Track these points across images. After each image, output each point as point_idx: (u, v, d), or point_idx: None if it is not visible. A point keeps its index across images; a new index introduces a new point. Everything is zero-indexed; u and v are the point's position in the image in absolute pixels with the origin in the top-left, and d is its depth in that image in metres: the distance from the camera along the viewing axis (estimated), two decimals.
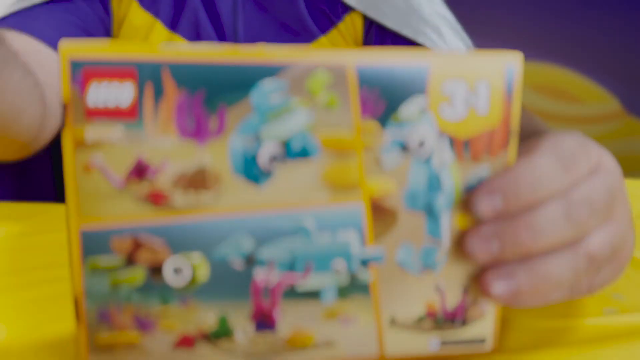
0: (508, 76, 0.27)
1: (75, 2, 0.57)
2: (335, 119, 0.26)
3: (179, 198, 0.26)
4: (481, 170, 0.27)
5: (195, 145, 0.25)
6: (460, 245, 0.27)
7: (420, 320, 0.28)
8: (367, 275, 0.27)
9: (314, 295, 0.27)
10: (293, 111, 0.26)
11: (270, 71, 0.25)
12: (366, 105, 0.26)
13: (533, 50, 1.50)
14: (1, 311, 0.33)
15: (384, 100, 0.26)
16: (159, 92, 0.25)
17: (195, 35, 0.61)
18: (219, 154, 0.25)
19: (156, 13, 0.60)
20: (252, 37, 0.62)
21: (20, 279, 0.38)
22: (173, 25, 0.61)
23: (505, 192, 0.26)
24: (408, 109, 0.26)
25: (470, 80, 0.26)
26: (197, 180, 0.26)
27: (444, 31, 0.62)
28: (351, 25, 0.63)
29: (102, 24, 0.60)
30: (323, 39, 0.63)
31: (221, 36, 0.62)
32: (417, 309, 0.28)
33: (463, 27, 0.67)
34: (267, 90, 0.25)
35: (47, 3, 0.55)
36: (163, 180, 0.25)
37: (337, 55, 0.25)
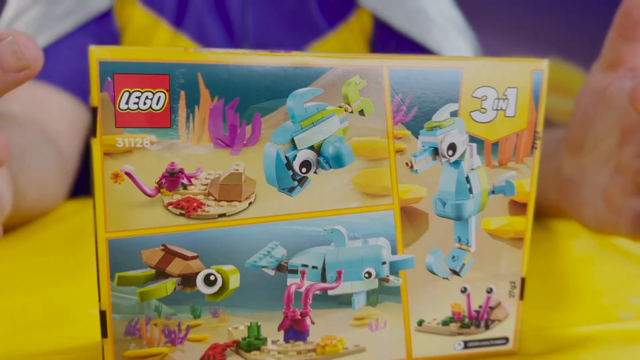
0: (535, 82, 0.27)
1: (87, 27, 0.56)
2: (369, 125, 0.26)
3: (211, 207, 0.25)
4: (507, 176, 0.28)
5: (229, 154, 0.25)
6: (486, 246, 0.28)
7: (446, 322, 0.28)
8: (396, 281, 0.27)
9: (344, 302, 0.27)
10: (327, 117, 0.25)
11: (305, 77, 0.25)
12: (399, 111, 0.26)
13: (537, 45, 1.50)
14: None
15: (417, 107, 0.26)
16: (192, 100, 0.24)
17: (201, 32, 0.60)
18: (252, 164, 0.25)
19: (159, 10, 0.59)
20: (261, 33, 0.61)
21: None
22: (178, 22, 0.59)
23: None
24: (440, 115, 0.26)
25: (500, 87, 0.27)
26: (230, 190, 0.25)
27: (451, 33, 0.62)
28: (360, 22, 0.63)
29: (115, 39, 0.59)
30: (332, 35, 0.62)
31: (229, 33, 0.61)
32: (443, 312, 0.28)
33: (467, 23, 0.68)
34: (302, 97, 0.25)
35: (58, 41, 0.55)
36: (195, 189, 0.25)
37: (372, 61, 0.25)
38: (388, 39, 0.62)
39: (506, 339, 0.30)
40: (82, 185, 0.60)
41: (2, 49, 0.21)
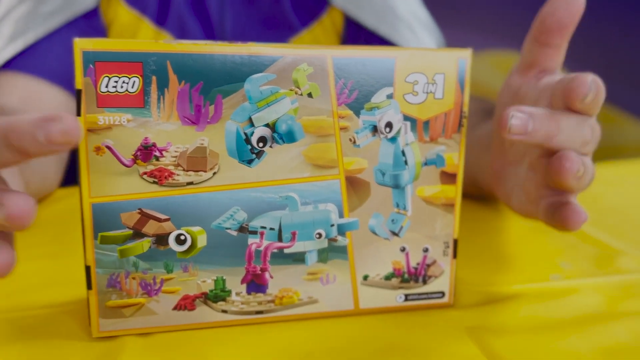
0: (460, 69, 0.31)
1: (75, 23, 0.59)
2: (316, 106, 0.30)
3: (180, 176, 0.29)
4: (438, 150, 0.32)
5: (195, 130, 0.29)
6: (421, 212, 0.32)
7: (388, 277, 0.33)
8: (344, 241, 0.32)
9: (298, 259, 0.31)
10: (280, 99, 0.29)
11: (260, 64, 0.29)
12: (342, 94, 0.30)
13: (509, 39, 1.53)
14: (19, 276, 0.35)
15: (357, 90, 0.30)
16: (162, 84, 0.28)
17: (182, 30, 0.63)
18: (215, 138, 0.29)
19: (142, 10, 0.62)
20: (239, 32, 0.64)
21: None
22: (160, 21, 0.62)
23: None
24: (377, 98, 0.31)
25: (429, 73, 0.31)
26: (197, 161, 0.29)
27: (418, 30, 0.65)
28: (332, 20, 0.66)
29: (102, 35, 0.62)
30: (305, 33, 0.66)
31: (208, 31, 0.64)
32: (386, 268, 0.33)
33: (440, 17, 0.70)
34: (257, 82, 0.29)
35: (50, 34, 0.57)
36: (166, 160, 0.29)
37: (317, 51, 0.29)
38: (358, 36, 0.66)
39: (442, 293, 0.34)
40: (69, 178, 0.64)
41: (53, 128, 0.23)
